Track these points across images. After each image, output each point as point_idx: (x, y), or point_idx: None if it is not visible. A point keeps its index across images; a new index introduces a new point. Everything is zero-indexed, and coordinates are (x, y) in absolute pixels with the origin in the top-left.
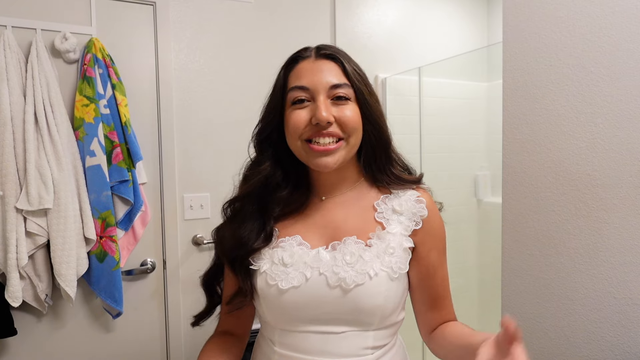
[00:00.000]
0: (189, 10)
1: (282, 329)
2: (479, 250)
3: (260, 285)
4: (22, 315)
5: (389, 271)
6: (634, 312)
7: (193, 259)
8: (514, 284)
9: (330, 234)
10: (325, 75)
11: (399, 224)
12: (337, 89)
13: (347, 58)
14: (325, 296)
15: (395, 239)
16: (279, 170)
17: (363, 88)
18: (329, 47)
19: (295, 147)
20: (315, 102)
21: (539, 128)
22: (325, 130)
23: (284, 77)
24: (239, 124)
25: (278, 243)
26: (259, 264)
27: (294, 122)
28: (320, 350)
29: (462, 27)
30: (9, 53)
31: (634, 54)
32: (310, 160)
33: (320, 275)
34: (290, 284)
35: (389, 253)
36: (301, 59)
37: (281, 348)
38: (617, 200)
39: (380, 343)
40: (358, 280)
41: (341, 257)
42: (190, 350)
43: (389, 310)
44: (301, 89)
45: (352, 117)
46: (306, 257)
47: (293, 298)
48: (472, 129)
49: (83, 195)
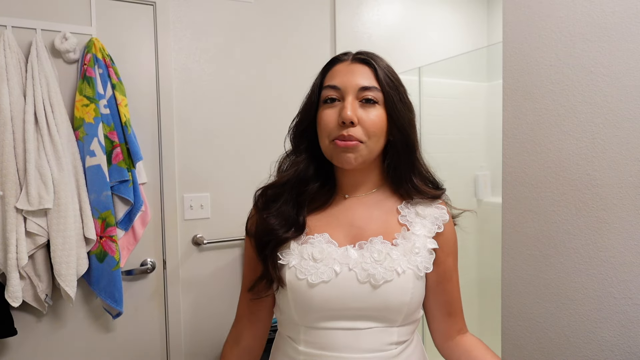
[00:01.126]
0: (189, 10)
1: (307, 327)
2: (479, 250)
3: (289, 279)
4: (22, 315)
5: (415, 269)
6: (634, 312)
7: (193, 259)
8: (514, 284)
9: (355, 233)
10: (356, 77)
11: (422, 227)
12: (366, 91)
13: (382, 63)
14: (354, 292)
15: (420, 240)
16: (312, 165)
17: (393, 93)
18: (367, 53)
19: (324, 145)
20: (344, 102)
21: (539, 128)
22: (347, 132)
23: (322, 77)
24: (239, 123)
25: (307, 239)
26: (287, 258)
27: (324, 121)
28: (346, 346)
29: (462, 27)
30: (9, 53)
31: (634, 54)
32: (334, 157)
33: (350, 271)
34: (320, 279)
35: (414, 252)
36: (339, 61)
37: (307, 347)
38: (617, 200)
39: (404, 339)
40: (387, 277)
41: (369, 255)
42: (190, 350)
43: (414, 307)
44: (333, 88)
45: (375, 120)
46: (335, 254)
47: (322, 292)
48: (472, 129)
49: (83, 195)
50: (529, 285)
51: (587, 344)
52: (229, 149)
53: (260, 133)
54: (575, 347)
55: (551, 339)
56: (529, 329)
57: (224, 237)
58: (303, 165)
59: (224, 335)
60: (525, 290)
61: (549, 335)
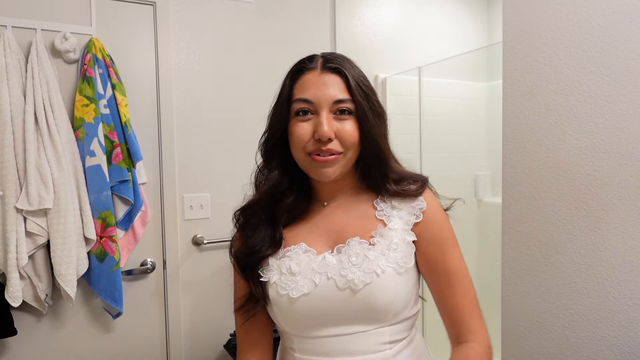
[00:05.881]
0: (189, 10)
1: (299, 336)
2: (479, 250)
3: (272, 295)
4: (22, 315)
5: (395, 267)
6: (634, 312)
7: (193, 259)
8: (514, 284)
9: (334, 237)
10: (329, 90)
11: (399, 219)
12: (341, 103)
13: (352, 71)
14: (335, 299)
15: (398, 234)
16: (286, 177)
17: (364, 103)
18: (335, 59)
19: (299, 158)
20: (319, 116)
21: (539, 128)
22: (325, 147)
23: (290, 87)
24: (239, 123)
25: (284, 252)
26: (268, 275)
27: (298, 135)
28: (339, 351)
29: (462, 27)
30: (9, 53)
31: (634, 54)
32: (312, 171)
33: (329, 279)
34: (301, 292)
35: (392, 249)
36: (307, 69)
37: (301, 354)
38: (617, 200)
39: (397, 337)
40: (366, 280)
41: (347, 259)
42: (190, 350)
43: (400, 305)
44: (305, 102)
45: (350, 132)
46: (313, 264)
47: (305, 305)
48: (472, 129)
49: (83, 195)
50: (529, 285)
51: (587, 344)
52: (229, 149)
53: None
54: (575, 347)
55: (551, 339)
56: (529, 329)
57: (224, 237)
58: (276, 180)
59: (224, 335)
60: (525, 290)
61: (549, 335)
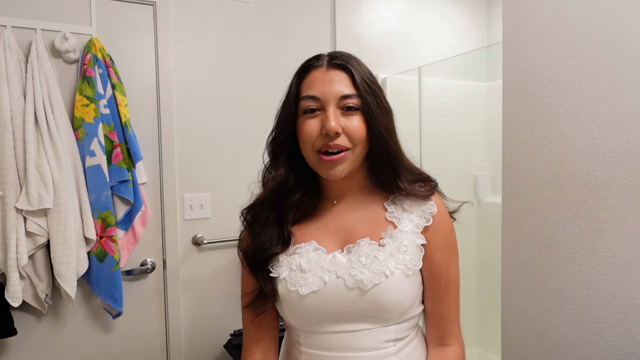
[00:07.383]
0: (189, 11)
1: (306, 331)
2: (479, 250)
3: (281, 292)
4: (22, 315)
5: (404, 268)
6: (634, 312)
7: (193, 259)
8: (514, 284)
9: (344, 237)
10: (336, 86)
11: (410, 222)
12: (347, 99)
13: (358, 67)
14: (344, 298)
15: (408, 236)
16: (292, 175)
17: (370, 99)
18: (341, 56)
19: (308, 156)
20: (326, 112)
21: (539, 128)
22: (332, 142)
23: (297, 86)
24: (239, 123)
25: (295, 250)
26: (278, 271)
27: (307, 132)
28: (345, 347)
29: (462, 27)
30: (9, 53)
31: (634, 54)
32: (321, 170)
33: (338, 278)
34: (310, 289)
35: (402, 251)
36: (313, 67)
37: (307, 348)
38: (617, 200)
39: (402, 335)
40: (375, 281)
41: (356, 259)
42: (190, 350)
43: (406, 305)
44: (312, 99)
45: (357, 127)
46: (323, 262)
47: (313, 302)
48: (472, 129)
49: (83, 195)
50: (529, 285)
51: (587, 344)
52: (229, 149)
53: (261, 133)
54: (575, 347)
55: (551, 339)
56: (529, 329)
57: (224, 237)
58: (282, 177)
59: (224, 335)
60: (525, 290)
61: (549, 335)
